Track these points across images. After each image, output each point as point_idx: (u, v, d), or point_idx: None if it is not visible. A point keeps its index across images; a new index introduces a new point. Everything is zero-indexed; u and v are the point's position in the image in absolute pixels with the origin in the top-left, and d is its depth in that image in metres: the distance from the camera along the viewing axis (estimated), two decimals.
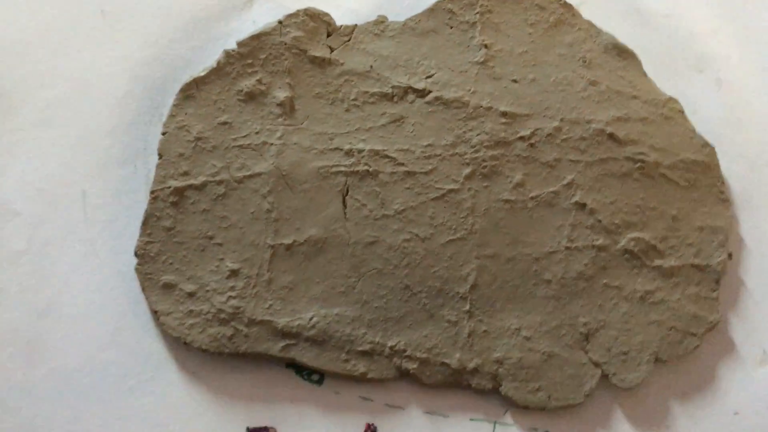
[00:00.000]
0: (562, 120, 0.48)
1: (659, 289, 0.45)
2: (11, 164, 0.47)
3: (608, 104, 0.49)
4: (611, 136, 0.48)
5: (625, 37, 0.51)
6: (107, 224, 0.46)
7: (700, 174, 0.48)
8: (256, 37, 0.48)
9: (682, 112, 0.49)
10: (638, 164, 0.47)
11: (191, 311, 0.43)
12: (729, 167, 0.49)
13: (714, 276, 0.46)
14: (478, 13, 0.50)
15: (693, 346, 0.44)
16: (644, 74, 0.50)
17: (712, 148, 0.49)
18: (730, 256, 0.46)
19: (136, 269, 0.44)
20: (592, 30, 0.51)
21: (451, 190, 0.46)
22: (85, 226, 0.46)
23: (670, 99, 0.49)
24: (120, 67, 0.49)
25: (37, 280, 0.44)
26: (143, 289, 0.44)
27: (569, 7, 0.51)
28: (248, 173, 0.46)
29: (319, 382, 0.44)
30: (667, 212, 0.47)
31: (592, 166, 0.47)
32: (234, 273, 0.44)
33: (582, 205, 0.46)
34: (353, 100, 0.48)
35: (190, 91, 0.47)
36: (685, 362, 0.45)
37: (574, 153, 0.47)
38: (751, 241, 0.49)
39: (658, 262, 0.45)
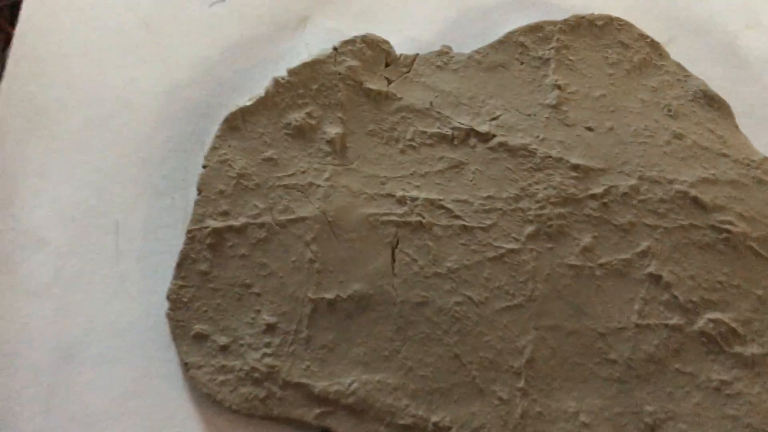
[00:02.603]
0: (640, 178, 0.43)
1: (737, 380, 0.40)
2: (43, 188, 0.44)
3: (694, 162, 0.44)
4: (695, 200, 0.43)
5: (717, 83, 0.46)
6: (140, 260, 0.43)
7: None
8: (309, 65, 0.44)
9: None
10: (723, 234, 0.42)
11: (223, 366, 0.40)
12: None
13: None
14: (553, 48, 0.45)
15: None
16: (737, 128, 0.45)
17: None
18: None
19: (168, 315, 0.41)
20: (680, 73, 0.46)
21: (510, 250, 0.42)
22: (117, 260, 0.43)
23: (765, 159, 0.44)
24: (162, 88, 0.46)
25: (63, 317, 0.42)
26: (174, 338, 0.41)
27: (656, 45, 0.46)
28: (292, 217, 0.42)
29: None
30: (752, 292, 0.42)
31: (671, 234, 0.42)
32: (270, 328, 0.41)
33: (657, 278, 0.41)
34: (409, 140, 0.44)
35: (235, 122, 0.44)
36: None
37: (652, 217, 0.42)
38: None
39: (738, 348, 0.41)
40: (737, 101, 0.45)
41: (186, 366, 0.40)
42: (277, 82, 0.44)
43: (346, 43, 0.45)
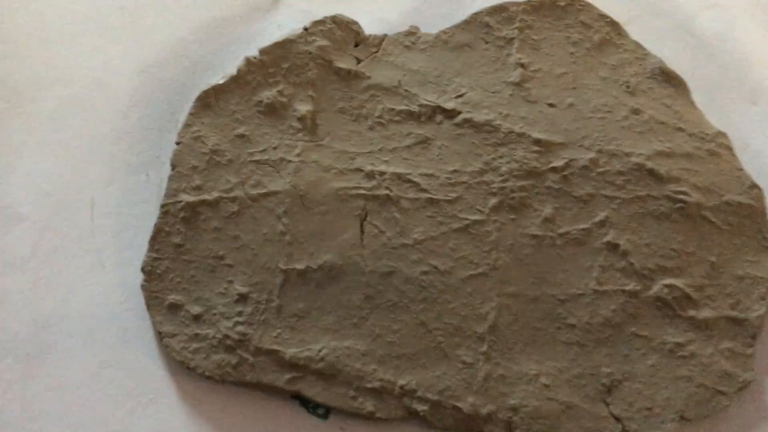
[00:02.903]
0: (599, 151, 0.45)
1: (690, 342, 0.42)
2: (19, 165, 0.45)
3: (650, 136, 0.45)
4: (651, 172, 0.44)
5: (674, 61, 0.47)
6: (115, 234, 0.44)
7: (744, 218, 0.44)
8: (280, 45, 0.46)
9: (730, 148, 0.46)
10: (678, 204, 0.44)
11: (196, 335, 0.41)
12: None
13: (751, 331, 0.42)
14: (516, 28, 0.47)
15: (722, 406, 0.41)
16: (692, 104, 0.47)
17: (760, 190, 0.45)
18: None
19: (142, 286, 0.42)
20: (638, 52, 0.47)
21: (475, 222, 0.43)
22: (92, 235, 0.44)
23: (719, 133, 0.46)
24: (136, 67, 0.47)
25: (40, 290, 0.43)
26: (148, 308, 0.42)
27: (616, 25, 0.48)
28: (263, 191, 0.43)
29: (324, 416, 0.42)
30: (705, 258, 0.43)
31: (628, 204, 0.44)
32: (243, 297, 0.42)
33: (614, 246, 0.43)
34: (378, 117, 0.45)
35: (208, 99, 0.45)
36: (713, 423, 0.42)
37: (610, 188, 0.44)
38: None
39: (691, 312, 0.43)
40: (693, 78, 0.47)
41: (160, 335, 0.42)
42: (248, 61, 0.45)
43: (316, 23, 0.46)
